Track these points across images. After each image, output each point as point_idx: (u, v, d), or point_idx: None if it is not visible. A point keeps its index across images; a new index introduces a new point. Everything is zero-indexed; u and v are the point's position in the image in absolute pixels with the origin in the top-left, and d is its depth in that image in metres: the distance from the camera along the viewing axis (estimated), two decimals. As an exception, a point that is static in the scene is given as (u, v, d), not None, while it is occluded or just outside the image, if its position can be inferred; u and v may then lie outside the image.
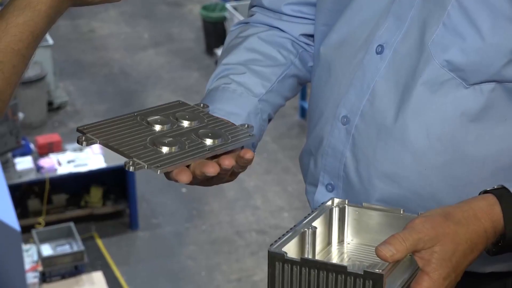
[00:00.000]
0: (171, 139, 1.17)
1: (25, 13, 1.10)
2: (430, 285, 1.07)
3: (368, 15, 1.32)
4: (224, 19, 6.82)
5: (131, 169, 1.11)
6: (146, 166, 1.11)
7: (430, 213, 1.11)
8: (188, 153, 1.15)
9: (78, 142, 1.14)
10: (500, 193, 1.14)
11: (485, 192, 1.15)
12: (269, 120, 1.43)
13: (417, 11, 1.25)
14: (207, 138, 1.18)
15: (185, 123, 1.22)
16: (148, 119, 1.21)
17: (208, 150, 1.16)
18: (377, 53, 1.29)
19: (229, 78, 1.38)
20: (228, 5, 6.83)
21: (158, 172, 1.11)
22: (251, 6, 1.52)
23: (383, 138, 1.27)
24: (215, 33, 6.90)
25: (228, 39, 1.49)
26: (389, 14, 1.28)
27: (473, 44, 1.20)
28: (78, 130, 1.16)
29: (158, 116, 1.22)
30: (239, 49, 1.43)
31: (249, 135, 1.23)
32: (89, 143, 1.14)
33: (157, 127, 1.20)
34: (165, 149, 1.14)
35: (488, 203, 1.13)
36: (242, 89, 1.36)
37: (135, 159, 1.11)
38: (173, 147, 1.15)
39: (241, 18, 6.54)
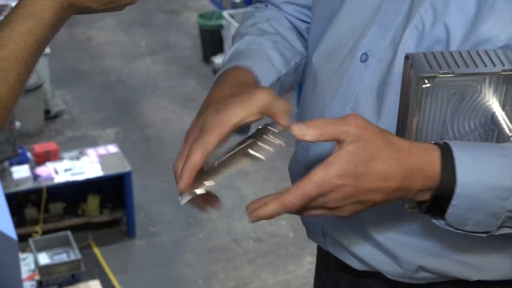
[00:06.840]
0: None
1: (29, 21, 1.10)
2: (323, 175, 1.07)
3: (354, 24, 1.32)
4: (221, 27, 6.83)
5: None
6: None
7: (370, 123, 1.10)
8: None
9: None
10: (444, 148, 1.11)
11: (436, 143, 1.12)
12: None
13: (403, 19, 1.24)
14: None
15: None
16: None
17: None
18: (362, 61, 1.28)
19: (261, 46, 1.42)
20: (225, 13, 6.83)
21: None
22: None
23: None
24: (212, 41, 6.89)
25: (248, 20, 1.54)
26: (374, 23, 1.27)
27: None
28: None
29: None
30: (264, 29, 1.47)
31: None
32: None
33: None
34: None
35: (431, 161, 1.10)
36: (270, 61, 1.41)
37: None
38: None
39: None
